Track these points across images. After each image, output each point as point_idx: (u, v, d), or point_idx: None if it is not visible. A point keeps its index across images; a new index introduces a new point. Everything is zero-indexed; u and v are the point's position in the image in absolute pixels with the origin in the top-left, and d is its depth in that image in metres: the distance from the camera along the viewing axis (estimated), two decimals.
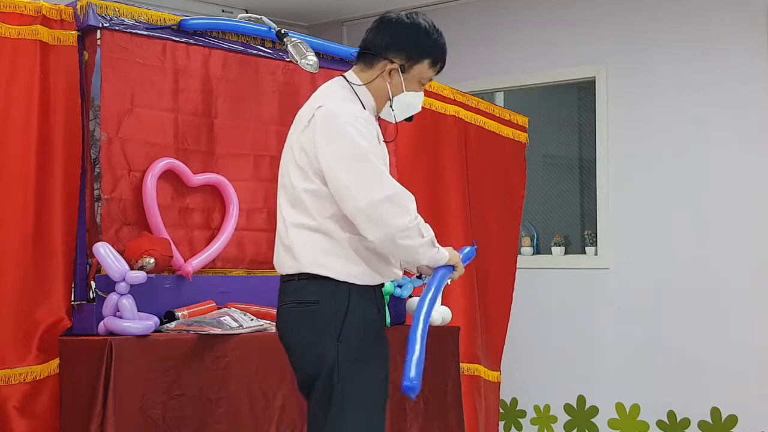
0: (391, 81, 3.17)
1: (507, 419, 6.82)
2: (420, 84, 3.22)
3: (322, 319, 3.07)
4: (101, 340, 3.57)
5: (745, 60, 6.00)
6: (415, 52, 3.17)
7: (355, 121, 3.04)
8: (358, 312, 3.07)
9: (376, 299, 3.16)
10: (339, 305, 3.06)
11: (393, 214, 3.00)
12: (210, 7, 6.93)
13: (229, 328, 3.83)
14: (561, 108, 7.25)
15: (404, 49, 3.16)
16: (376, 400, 3.11)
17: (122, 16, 3.97)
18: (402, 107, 3.23)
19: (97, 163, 3.90)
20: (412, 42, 3.17)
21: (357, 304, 3.07)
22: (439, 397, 4.48)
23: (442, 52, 3.23)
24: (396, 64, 3.17)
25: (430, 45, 3.19)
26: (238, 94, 4.32)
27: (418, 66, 3.18)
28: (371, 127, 3.07)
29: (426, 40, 3.18)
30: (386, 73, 3.17)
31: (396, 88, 3.19)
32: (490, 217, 5.32)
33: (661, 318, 6.23)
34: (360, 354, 3.05)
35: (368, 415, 3.08)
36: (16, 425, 3.64)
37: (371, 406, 3.09)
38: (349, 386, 3.04)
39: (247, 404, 3.83)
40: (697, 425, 6.09)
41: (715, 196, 6.08)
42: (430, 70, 3.21)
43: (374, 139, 3.07)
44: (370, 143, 3.03)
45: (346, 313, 3.05)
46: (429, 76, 3.23)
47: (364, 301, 3.10)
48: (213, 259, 4.16)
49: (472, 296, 5.11)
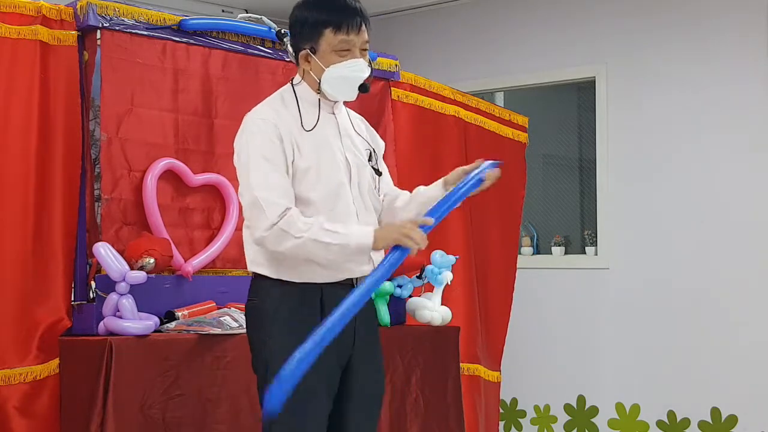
0: (311, 67, 3.15)
1: (507, 419, 6.82)
2: (339, 54, 3.11)
3: (257, 316, 3.12)
4: (101, 340, 3.57)
5: (745, 60, 6.00)
6: (310, 28, 3.12)
7: (252, 124, 3.10)
8: (288, 309, 3.05)
9: (322, 297, 3.09)
10: (270, 303, 3.08)
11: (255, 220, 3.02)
12: (210, 7, 6.93)
13: (229, 328, 3.83)
14: (561, 108, 7.25)
15: (302, 33, 3.14)
16: (308, 400, 3.01)
17: (122, 16, 3.97)
18: (333, 83, 3.14)
19: (97, 163, 3.90)
20: (303, 21, 3.13)
21: (287, 301, 3.06)
22: (439, 397, 4.48)
23: (336, 15, 3.10)
24: (305, 49, 3.14)
25: (319, 15, 3.10)
26: (238, 94, 4.32)
27: (322, 39, 3.11)
28: (267, 127, 3.07)
29: (314, 13, 3.11)
30: (305, 62, 3.16)
31: (317, 70, 3.14)
32: (490, 217, 5.32)
33: (661, 318, 6.23)
34: (288, 352, 2.87)
35: (295, 417, 3.01)
36: (16, 425, 3.64)
37: (300, 407, 3.00)
38: None
39: (247, 404, 3.83)
40: (697, 425, 6.09)
41: (715, 196, 6.08)
42: (338, 35, 3.09)
43: (267, 141, 3.05)
44: (259, 146, 3.04)
45: (276, 311, 3.07)
46: (342, 39, 3.09)
47: (300, 299, 3.06)
48: (213, 259, 4.16)
49: (472, 296, 5.11)
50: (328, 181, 3.10)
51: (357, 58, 3.12)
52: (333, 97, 3.17)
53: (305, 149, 3.09)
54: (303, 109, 3.14)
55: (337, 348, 3.01)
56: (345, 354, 3.13)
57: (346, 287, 3.08)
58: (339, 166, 3.14)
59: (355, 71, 3.13)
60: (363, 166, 3.22)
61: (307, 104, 3.16)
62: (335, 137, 3.18)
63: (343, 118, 3.25)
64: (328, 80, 3.12)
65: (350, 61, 3.11)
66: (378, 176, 3.29)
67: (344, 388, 3.15)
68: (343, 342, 3.06)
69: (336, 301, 2.92)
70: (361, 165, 3.21)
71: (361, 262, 3.11)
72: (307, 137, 3.11)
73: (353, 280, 3.12)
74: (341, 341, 3.03)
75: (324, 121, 3.17)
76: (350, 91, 3.16)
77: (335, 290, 3.08)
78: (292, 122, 3.11)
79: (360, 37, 3.11)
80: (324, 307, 3.05)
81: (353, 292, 2.90)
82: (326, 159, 3.12)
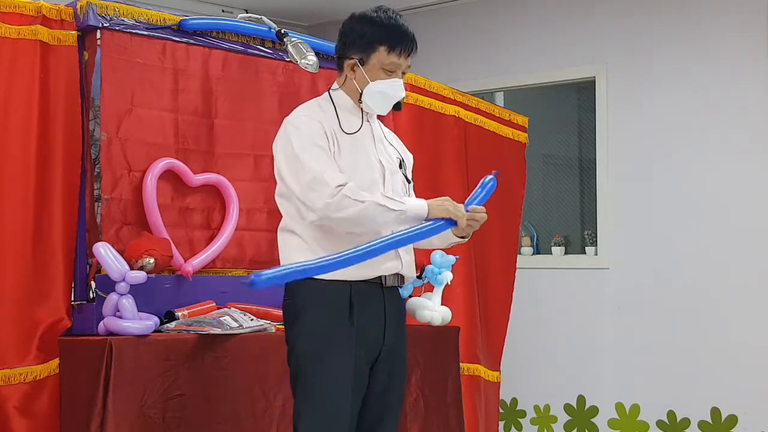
0: (355, 76, 3.30)
1: (507, 419, 6.82)
2: (386, 72, 3.28)
3: (291, 314, 3.25)
4: (101, 340, 3.57)
5: (745, 60, 6.00)
6: (366, 42, 3.27)
7: (296, 120, 3.24)
8: (320, 307, 3.18)
9: (351, 295, 3.21)
10: (303, 300, 3.20)
11: (316, 193, 3.12)
12: (210, 7, 6.94)
13: (229, 328, 3.83)
14: (561, 108, 7.25)
15: (356, 43, 3.28)
16: (333, 394, 3.17)
17: (122, 16, 3.97)
18: (374, 97, 3.30)
19: (97, 163, 3.90)
20: (360, 34, 3.28)
21: (320, 299, 3.18)
22: (439, 397, 4.48)
23: (394, 37, 3.27)
24: (354, 59, 3.29)
25: (378, 33, 3.26)
26: (238, 94, 4.32)
27: (375, 55, 3.26)
28: (313, 123, 3.21)
29: (373, 29, 3.27)
30: (350, 70, 3.31)
31: (361, 81, 3.29)
32: (490, 217, 5.27)
33: (661, 318, 6.23)
34: (319, 348, 3.17)
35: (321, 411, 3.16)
36: (16, 425, 3.64)
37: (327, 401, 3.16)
38: (305, 379, 3.18)
39: (247, 404, 3.83)
40: (697, 425, 6.09)
41: (715, 196, 6.08)
42: (390, 55, 3.26)
43: (314, 133, 3.19)
44: (308, 136, 3.18)
45: (307, 308, 3.18)
46: (392, 61, 3.27)
47: (331, 297, 3.18)
48: (213, 259, 4.16)
49: (472, 296, 5.11)
50: (362, 179, 3.23)
51: (399, 79, 3.31)
52: (368, 109, 3.34)
53: (344, 149, 3.24)
54: (341, 115, 3.30)
55: (367, 345, 3.22)
56: (374, 352, 3.27)
57: (376, 285, 3.25)
58: (374, 168, 3.30)
59: (397, 90, 3.31)
60: (395, 171, 3.38)
61: (344, 110, 3.32)
62: (371, 142, 3.34)
63: (376, 126, 3.41)
64: (370, 93, 3.29)
65: (393, 80, 3.30)
66: (408, 184, 3.45)
67: (370, 383, 3.27)
68: (373, 338, 3.25)
69: (365, 299, 3.19)
70: (393, 170, 3.37)
71: (388, 258, 3.24)
72: (347, 139, 3.27)
73: (382, 279, 3.26)
74: (370, 338, 3.23)
75: (363, 126, 3.33)
76: (386, 107, 3.35)
77: (364, 288, 3.23)
78: (333, 123, 3.27)
79: (406, 62, 3.31)
80: (353, 306, 3.19)
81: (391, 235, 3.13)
82: (363, 160, 3.28)
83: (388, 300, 3.30)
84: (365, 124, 3.34)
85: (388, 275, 3.28)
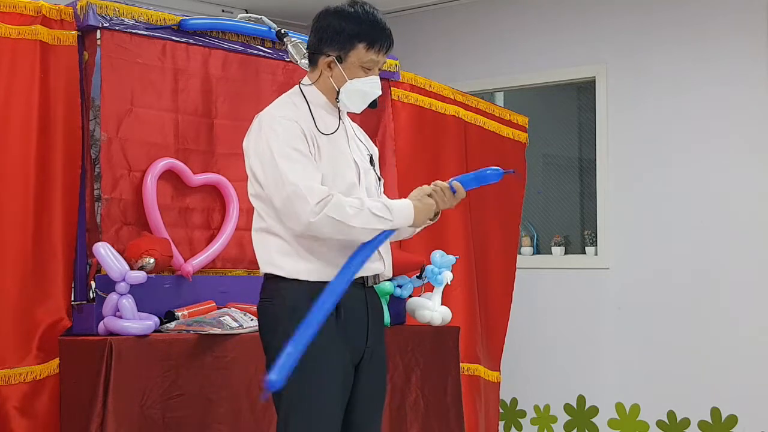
0: (332, 74, 3.20)
1: (507, 419, 6.82)
2: (364, 69, 3.19)
3: (272, 316, 3.13)
4: (101, 340, 3.57)
5: (745, 60, 6.00)
6: (344, 40, 3.16)
7: (272, 121, 3.11)
8: (302, 311, 3.01)
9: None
10: (287, 302, 3.09)
11: (297, 209, 3.01)
12: (210, 7, 6.93)
13: (229, 328, 3.83)
14: (561, 108, 7.25)
15: (333, 40, 3.17)
16: (320, 399, 3.07)
17: (122, 16, 3.97)
18: (352, 95, 3.21)
19: (97, 163, 3.90)
20: (338, 30, 3.16)
21: (301, 301, 3.04)
22: (439, 397, 4.48)
23: (372, 34, 3.16)
24: (332, 57, 3.18)
25: (357, 30, 3.15)
26: (238, 94, 4.32)
27: (353, 52, 3.16)
28: (291, 125, 3.10)
29: (352, 26, 3.15)
30: (326, 68, 3.20)
31: (338, 79, 3.19)
32: (489, 217, 5.32)
33: (661, 318, 6.23)
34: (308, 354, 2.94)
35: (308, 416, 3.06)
36: (16, 425, 3.64)
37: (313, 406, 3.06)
38: (293, 387, 2.99)
39: (247, 404, 3.83)
40: (697, 425, 6.09)
41: (715, 196, 6.08)
42: (369, 52, 3.17)
43: (294, 136, 3.08)
44: (287, 141, 3.06)
45: (292, 312, 3.06)
46: (371, 58, 3.17)
47: (315, 299, 3.03)
48: (213, 259, 4.16)
49: (472, 296, 5.11)
50: (343, 181, 3.16)
51: (377, 76, 3.23)
52: (345, 107, 3.25)
53: (324, 151, 3.15)
54: (315, 113, 3.20)
55: (352, 346, 3.15)
56: (359, 352, 3.20)
57: (359, 286, 3.18)
58: (351, 168, 3.22)
59: (374, 88, 3.24)
60: (368, 170, 3.30)
61: (318, 108, 3.21)
62: (345, 142, 3.25)
63: (348, 124, 3.32)
64: (348, 92, 3.20)
65: (371, 78, 3.22)
66: (379, 181, 3.37)
67: (356, 384, 3.21)
68: (357, 340, 3.18)
69: (349, 299, 3.07)
70: (366, 169, 3.29)
71: (372, 259, 3.17)
72: (324, 139, 3.17)
73: (365, 279, 3.21)
74: (356, 340, 3.16)
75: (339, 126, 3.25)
76: (363, 105, 3.26)
77: (348, 289, 3.10)
78: (309, 123, 3.17)
79: (384, 59, 3.23)
80: (339, 307, 3.08)
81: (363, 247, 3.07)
82: (342, 162, 3.19)
83: (369, 301, 3.24)
84: (340, 124, 3.25)
85: (370, 276, 3.23)
